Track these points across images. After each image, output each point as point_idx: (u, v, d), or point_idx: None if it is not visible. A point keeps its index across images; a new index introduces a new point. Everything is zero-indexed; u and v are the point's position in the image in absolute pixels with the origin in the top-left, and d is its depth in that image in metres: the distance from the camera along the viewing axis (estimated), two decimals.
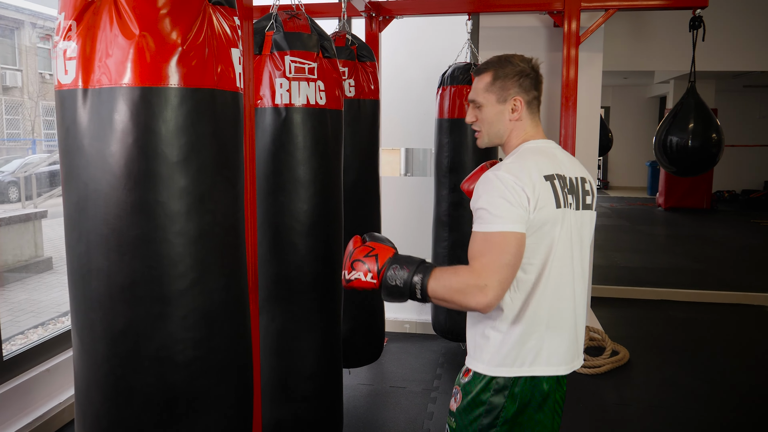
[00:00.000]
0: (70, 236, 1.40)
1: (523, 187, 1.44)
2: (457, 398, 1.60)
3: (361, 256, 1.47)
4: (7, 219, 5.80)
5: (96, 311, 1.38)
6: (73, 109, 1.34)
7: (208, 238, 1.43)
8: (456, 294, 1.39)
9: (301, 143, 2.23)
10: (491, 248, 1.40)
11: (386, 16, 3.97)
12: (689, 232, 9.58)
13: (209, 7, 1.40)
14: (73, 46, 1.32)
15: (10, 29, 10.10)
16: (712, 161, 4.15)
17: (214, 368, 1.46)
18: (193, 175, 1.38)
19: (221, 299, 1.47)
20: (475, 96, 1.65)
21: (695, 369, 3.84)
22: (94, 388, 1.41)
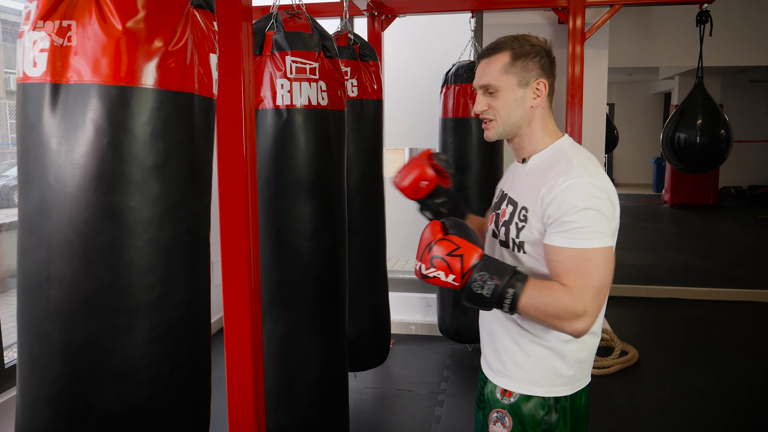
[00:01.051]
0: (27, 240, 1.29)
1: (610, 195, 1.34)
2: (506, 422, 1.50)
3: (443, 254, 1.32)
4: (8, 224, 5.78)
5: (53, 322, 1.27)
6: (39, 105, 1.24)
7: (179, 248, 1.36)
8: (549, 318, 1.29)
9: (303, 145, 2.19)
10: (591, 269, 1.29)
11: (389, 15, 3.93)
12: (696, 229, 9.51)
13: (192, 8, 1.35)
14: (45, 37, 1.23)
15: (13, 33, 10.11)
16: (721, 157, 4.10)
17: (176, 384, 1.38)
18: (168, 181, 1.31)
19: (187, 312, 1.40)
20: (488, 80, 1.45)
21: (705, 368, 3.79)
22: (43, 405, 1.30)
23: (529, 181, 1.46)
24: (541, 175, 1.42)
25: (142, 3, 1.24)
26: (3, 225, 5.69)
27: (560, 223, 1.32)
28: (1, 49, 11.12)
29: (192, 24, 1.34)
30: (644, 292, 5.51)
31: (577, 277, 1.29)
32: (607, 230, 1.32)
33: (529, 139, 1.49)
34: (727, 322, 4.82)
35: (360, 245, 3.11)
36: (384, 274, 3.36)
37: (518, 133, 1.49)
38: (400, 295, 4.52)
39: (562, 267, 1.31)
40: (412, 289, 4.59)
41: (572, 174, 1.34)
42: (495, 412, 1.51)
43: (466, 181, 3.69)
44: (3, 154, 12.14)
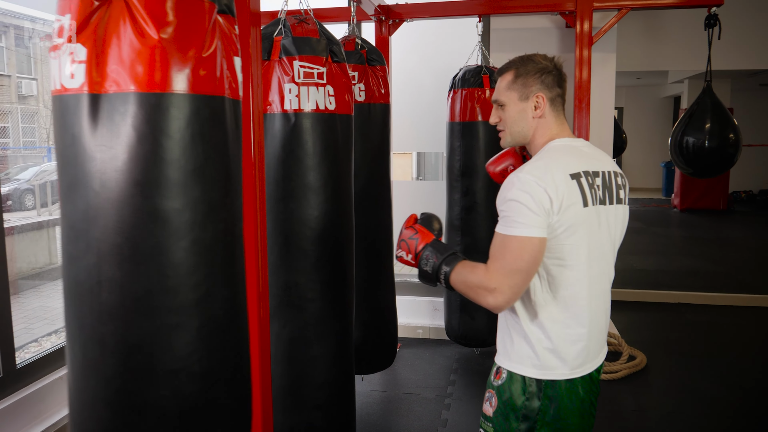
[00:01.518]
0: (75, 247, 1.34)
1: (545, 188, 1.43)
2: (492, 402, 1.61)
3: (406, 237, 1.65)
4: (21, 227, 5.85)
5: (106, 324, 1.32)
6: (80, 115, 1.29)
7: (220, 247, 1.42)
8: (470, 291, 1.49)
9: (311, 149, 2.21)
10: (506, 252, 1.44)
11: (396, 20, 3.95)
12: (706, 234, 9.46)
13: (217, 15, 1.39)
14: (81, 50, 1.27)
15: (24, 38, 10.20)
16: (730, 162, 4.08)
17: (223, 377, 1.44)
18: (208, 183, 1.37)
19: (230, 307, 1.46)
20: (497, 96, 1.66)
21: (714, 374, 3.77)
22: (101, 406, 1.35)
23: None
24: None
25: (173, 12, 1.28)
26: (15, 228, 5.75)
27: (498, 211, 1.50)
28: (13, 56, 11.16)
29: (219, 29, 1.38)
30: (653, 297, 5.49)
31: (494, 258, 1.46)
32: (531, 222, 1.42)
33: (532, 146, 1.65)
34: (737, 327, 4.79)
35: (367, 248, 3.12)
36: (391, 277, 3.37)
37: (527, 140, 1.65)
38: (408, 299, 4.53)
39: (492, 250, 1.49)
40: (420, 293, 4.60)
41: (520, 170, 1.49)
42: (487, 392, 1.63)
43: (473, 185, 3.69)
44: (14, 157, 12.20)
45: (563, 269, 1.49)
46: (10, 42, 11.13)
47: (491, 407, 1.59)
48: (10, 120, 12.21)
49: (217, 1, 1.38)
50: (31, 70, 12.81)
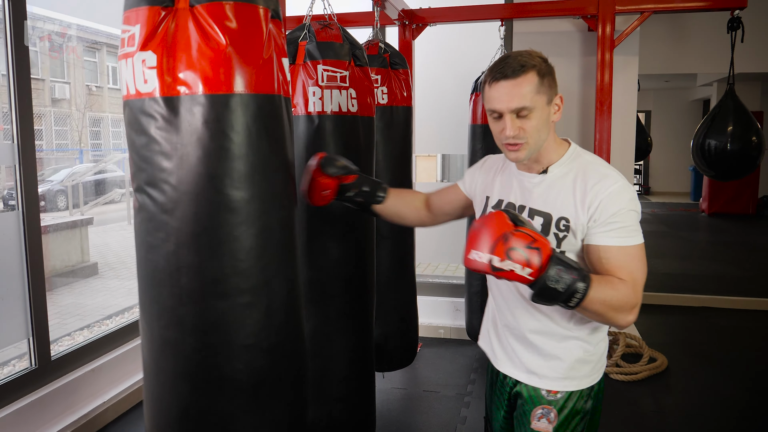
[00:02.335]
0: (154, 237, 1.45)
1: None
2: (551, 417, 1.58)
3: (522, 246, 1.28)
4: (55, 226, 6.02)
5: (186, 305, 1.44)
6: (155, 116, 1.40)
7: (285, 233, 1.54)
8: (612, 311, 1.35)
9: (334, 149, 2.27)
10: (637, 263, 1.42)
11: (419, 24, 4.01)
12: (733, 239, 9.34)
13: (270, 20, 1.50)
14: (152, 56, 1.38)
15: (58, 44, 10.46)
16: (753, 165, 4.06)
17: (288, 352, 1.56)
18: (271, 174, 1.48)
19: (292, 287, 1.57)
20: (523, 101, 1.41)
21: (736, 377, 3.75)
22: (181, 381, 1.47)
23: (558, 190, 1.50)
24: (574, 184, 1.48)
25: (235, 18, 1.39)
26: (49, 227, 5.93)
27: (607, 224, 1.42)
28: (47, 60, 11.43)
29: (272, 32, 1.50)
30: (676, 301, 5.46)
31: (629, 271, 1.39)
32: (640, 228, 1.45)
33: (546, 152, 1.52)
34: (761, 331, 4.74)
35: (389, 249, 3.19)
36: (412, 277, 3.43)
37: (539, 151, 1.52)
38: (430, 299, 4.59)
39: (612, 264, 1.41)
40: (441, 294, 4.65)
41: (612, 180, 1.45)
42: (540, 408, 1.57)
43: None
44: (48, 159, 12.48)
45: None
46: (44, 46, 11.42)
47: (551, 423, 1.55)
48: (43, 123, 12.51)
49: (269, 7, 1.49)
50: (65, 74, 13.13)
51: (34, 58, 12.28)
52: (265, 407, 1.51)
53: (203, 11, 1.37)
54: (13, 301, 2.72)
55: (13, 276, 2.72)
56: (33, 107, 2.76)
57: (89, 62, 12.95)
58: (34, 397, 2.75)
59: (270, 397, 1.52)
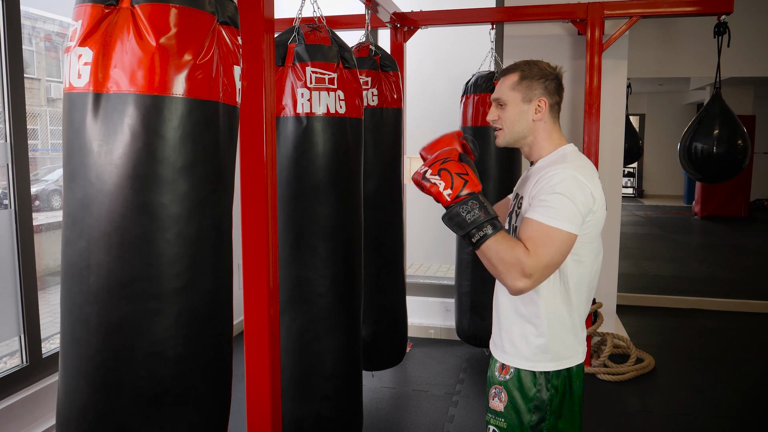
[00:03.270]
0: (71, 232, 1.45)
1: (592, 192, 1.54)
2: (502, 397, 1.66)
3: (453, 171, 1.51)
4: (49, 225, 6.03)
5: (92, 305, 1.41)
6: (83, 111, 1.40)
7: (205, 241, 1.49)
8: (501, 264, 1.46)
9: (322, 150, 2.31)
10: (552, 244, 1.47)
11: (411, 27, 4.05)
12: (725, 241, 9.40)
13: (218, 25, 1.50)
14: (89, 52, 1.39)
15: (55, 44, 10.48)
16: (738, 168, 4.11)
17: (200, 365, 1.51)
18: (195, 181, 1.45)
19: (212, 299, 1.53)
20: (500, 94, 1.70)
21: (723, 378, 3.80)
22: (83, 380, 1.44)
23: (532, 176, 1.67)
24: (541, 170, 1.62)
25: (174, 21, 1.39)
26: (42, 225, 5.94)
27: (538, 200, 1.53)
28: (43, 59, 11.41)
29: (218, 39, 1.49)
30: (665, 302, 5.51)
31: (536, 245, 1.47)
32: (574, 219, 1.49)
33: (535, 148, 1.71)
34: (749, 333, 4.80)
35: (379, 248, 3.22)
36: (402, 276, 3.46)
37: (524, 143, 1.71)
38: (421, 299, 4.62)
39: (525, 234, 1.50)
40: (432, 294, 4.68)
41: (563, 166, 1.56)
42: (494, 388, 1.67)
43: (484, 187, 3.77)
44: (43, 159, 12.51)
45: (578, 265, 1.59)
46: (39, 46, 11.40)
47: (501, 402, 1.64)
48: (39, 122, 12.48)
49: (218, 13, 1.49)
50: (60, 74, 13.10)
51: (29, 58, 12.24)
52: (166, 419, 1.46)
53: (141, 12, 1.38)
54: (5, 299, 2.74)
55: (5, 274, 2.74)
56: (28, 107, 2.79)
57: None
58: (25, 394, 2.77)
59: (172, 410, 1.47)
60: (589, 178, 1.56)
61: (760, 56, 6.74)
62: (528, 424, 1.61)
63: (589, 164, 1.65)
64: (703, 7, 3.62)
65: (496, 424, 1.65)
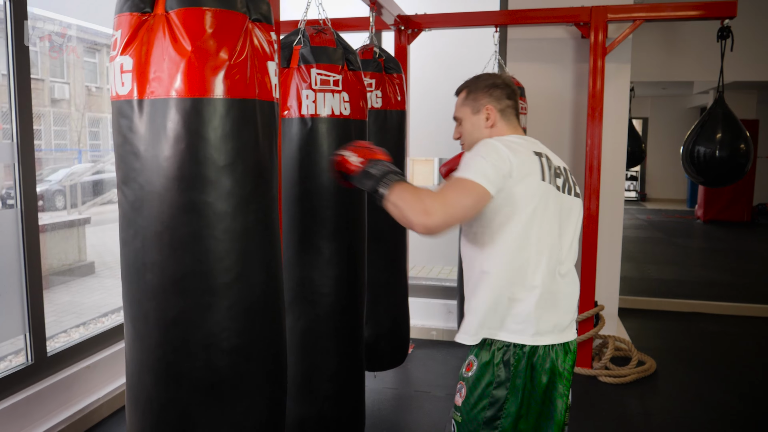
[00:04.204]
0: (126, 233, 1.53)
1: (509, 157, 1.58)
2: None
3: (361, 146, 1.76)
4: (53, 225, 6.06)
5: (150, 301, 1.50)
6: (129, 118, 1.47)
7: (251, 236, 1.56)
8: (404, 205, 1.55)
9: (326, 152, 2.33)
10: (456, 188, 1.56)
11: (415, 29, 4.07)
12: (727, 246, 9.40)
13: (250, 24, 1.54)
14: (129, 60, 1.45)
15: (58, 44, 10.51)
16: (741, 172, 4.12)
17: (254, 355, 1.58)
18: (238, 178, 1.51)
19: (261, 291, 1.60)
20: (455, 113, 1.85)
21: (724, 382, 3.80)
22: (146, 373, 1.52)
23: None
24: None
25: (207, 24, 1.44)
26: (47, 226, 5.98)
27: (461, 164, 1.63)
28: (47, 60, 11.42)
29: (251, 38, 1.53)
30: (667, 306, 5.51)
31: (444, 190, 1.57)
32: (486, 174, 1.55)
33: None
34: (751, 337, 4.80)
35: (382, 250, 3.23)
36: (404, 278, 3.48)
37: None
38: (423, 301, 4.63)
39: (442, 187, 1.60)
40: (434, 296, 4.69)
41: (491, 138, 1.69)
42: (458, 384, 1.72)
43: None
44: (47, 159, 12.48)
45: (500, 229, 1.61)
46: (43, 46, 11.46)
47: (461, 397, 1.68)
48: (42, 123, 12.54)
49: (250, 12, 1.53)
50: (64, 74, 13.16)
51: (33, 58, 12.30)
52: (225, 407, 1.53)
53: (175, 17, 1.43)
54: (11, 298, 2.76)
55: (11, 273, 2.76)
56: (32, 107, 2.81)
57: (89, 63, 12.99)
58: (30, 392, 2.79)
59: (229, 398, 1.54)
60: (506, 142, 1.64)
61: (764, 60, 6.75)
62: (482, 419, 1.62)
63: (520, 140, 1.70)
64: (706, 11, 3.64)
65: (455, 418, 1.69)
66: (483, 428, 1.63)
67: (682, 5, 3.69)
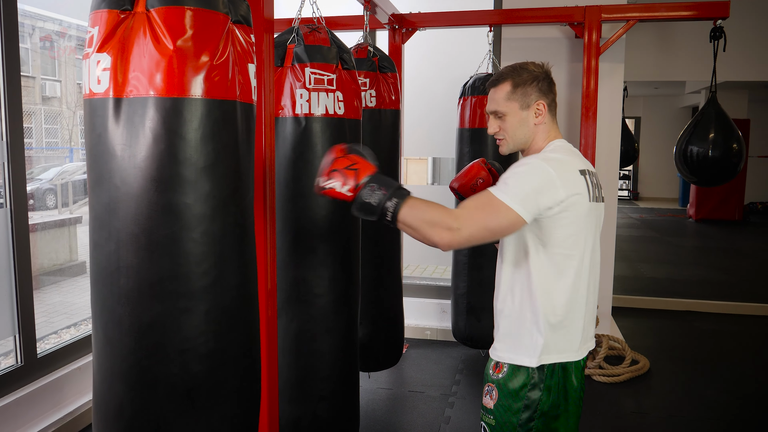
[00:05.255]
0: (98, 235, 1.48)
1: (562, 186, 1.52)
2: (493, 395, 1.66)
3: (341, 167, 1.53)
4: (44, 224, 6.01)
5: (124, 306, 1.45)
6: (104, 117, 1.42)
7: (229, 239, 1.53)
8: (424, 224, 1.47)
9: (320, 151, 2.31)
10: (489, 209, 1.48)
11: (409, 29, 4.05)
12: (719, 244, 9.44)
13: (231, 25, 1.51)
14: (107, 58, 1.41)
15: (50, 41, 10.44)
16: (733, 171, 4.13)
17: (231, 359, 1.55)
18: (218, 179, 1.48)
19: (238, 295, 1.57)
20: (496, 107, 1.68)
21: (717, 380, 3.81)
22: (117, 380, 1.48)
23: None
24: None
25: (189, 23, 1.41)
26: (37, 225, 5.92)
27: (502, 179, 1.55)
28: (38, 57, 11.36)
29: (232, 38, 1.50)
30: (660, 305, 5.52)
31: (473, 207, 1.50)
32: (524, 201, 1.48)
33: (533, 147, 1.71)
34: (743, 335, 4.82)
35: (376, 250, 3.22)
36: (398, 278, 3.46)
37: (527, 146, 1.71)
38: (417, 301, 4.62)
39: (472, 200, 1.53)
40: (429, 296, 4.68)
41: (535, 156, 1.59)
42: (487, 385, 1.68)
43: None
44: (38, 157, 12.39)
45: (566, 258, 1.58)
46: (35, 44, 11.36)
47: (492, 400, 1.65)
48: (33, 121, 12.44)
49: (231, 13, 1.50)
50: (55, 72, 13.07)
51: (24, 56, 12.20)
52: (200, 413, 1.50)
53: (156, 16, 1.39)
54: (0, 298, 2.73)
55: (0, 273, 2.73)
56: (23, 105, 2.78)
57: (80, 60, 12.84)
58: (20, 394, 2.76)
59: (206, 404, 1.51)
60: (555, 165, 1.54)
61: (755, 60, 6.78)
62: (517, 422, 1.61)
63: (569, 158, 1.62)
64: (699, 12, 3.64)
65: (487, 420, 1.66)
66: (519, 430, 1.61)
67: (675, 5, 3.69)
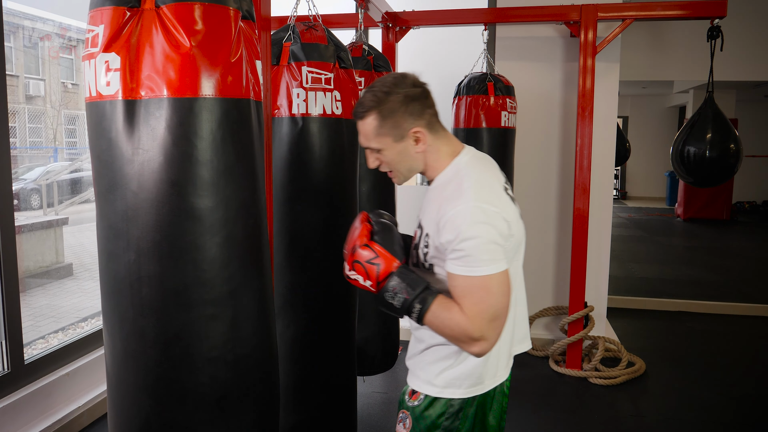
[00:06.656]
0: (114, 245, 1.40)
1: (503, 215, 1.36)
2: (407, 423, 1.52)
3: (363, 260, 1.41)
4: (29, 226, 5.90)
5: (147, 317, 1.39)
6: (115, 120, 1.35)
7: (251, 242, 1.49)
8: (450, 338, 1.36)
9: (317, 152, 2.26)
10: (484, 295, 1.32)
11: (403, 27, 4.00)
12: (708, 244, 9.48)
13: (242, 21, 1.45)
14: (116, 58, 1.33)
15: (34, 39, 10.30)
16: (730, 172, 4.12)
17: (256, 364, 1.52)
18: (239, 181, 1.44)
19: (260, 298, 1.53)
20: (367, 143, 1.48)
21: (713, 381, 3.80)
22: (143, 394, 1.41)
23: (430, 203, 1.48)
24: (437, 198, 1.44)
25: (202, 21, 1.34)
26: (23, 227, 5.81)
27: (452, 250, 1.35)
28: (21, 56, 11.24)
29: (243, 36, 1.45)
30: (654, 305, 5.52)
31: (472, 303, 1.32)
32: (497, 255, 1.33)
33: (430, 169, 1.51)
34: (737, 336, 4.82)
35: None
36: None
37: (421, 170, 1.51)
38: None
39: (458, 292, 1.35)
40: None
41: (460, 200, 1.36)
42: (401, 412, 1.55)
43: None
44: (22, 157, 12.25)
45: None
46: (18, 42, 11.20)
47: (405, 429, 1.52)
48: (17, 120, 12.26)
49: (240, 8, 1.45)
50: (39, 71, 12.90)
51: (8, 54, 12.00)
52: (231, 421, 1.46)
53: (168, 12, 1.33)
54: None
55: None
56: (7, 103, 2.70)
57: (65, 59, 12.73)
58: (7, 401, 2.68)
59: (236, 411, 1.47)
60: (493, 199, 1.38)
61: (743, 60, 6.82)
62: None
63: (488, 176, 1.44)
64: (696, 11, 3.62)
65: None
66: None
67: (672, 4, 3.67)
